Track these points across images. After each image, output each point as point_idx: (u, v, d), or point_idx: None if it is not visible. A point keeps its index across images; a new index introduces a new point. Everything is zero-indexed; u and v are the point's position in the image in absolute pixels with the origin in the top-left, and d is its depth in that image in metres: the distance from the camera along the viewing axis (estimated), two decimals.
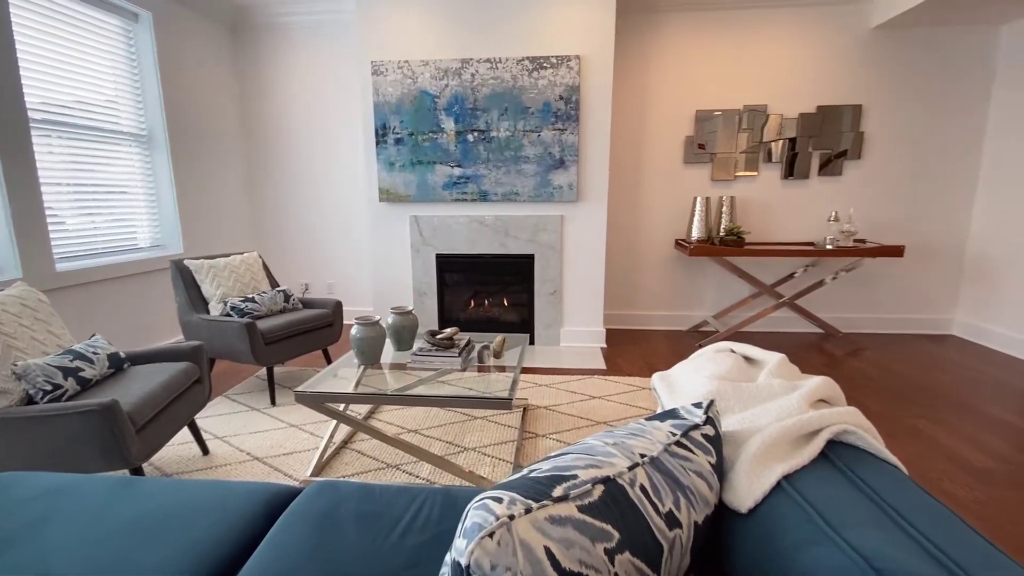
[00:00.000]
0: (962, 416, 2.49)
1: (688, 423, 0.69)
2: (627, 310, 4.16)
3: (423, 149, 3.45)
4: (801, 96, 3.70)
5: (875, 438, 0.68)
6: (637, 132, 3.87)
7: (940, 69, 3.58)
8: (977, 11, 3.26)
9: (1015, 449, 2.17)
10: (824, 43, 3.62)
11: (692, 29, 3.68)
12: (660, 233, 4.00)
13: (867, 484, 0.59)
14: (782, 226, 3.89)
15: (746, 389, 0.79)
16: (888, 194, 3.77)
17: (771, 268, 3.96)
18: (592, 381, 3.00)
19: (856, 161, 3.75)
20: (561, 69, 3.26)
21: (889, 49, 3.59)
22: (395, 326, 2.24)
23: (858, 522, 0.53)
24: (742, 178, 3.85)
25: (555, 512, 0.51)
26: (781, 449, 0.65)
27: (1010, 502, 1.80)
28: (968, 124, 3.63)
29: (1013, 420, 2.44)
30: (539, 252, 3.56)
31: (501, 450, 2.20)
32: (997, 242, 3.55)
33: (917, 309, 3.91)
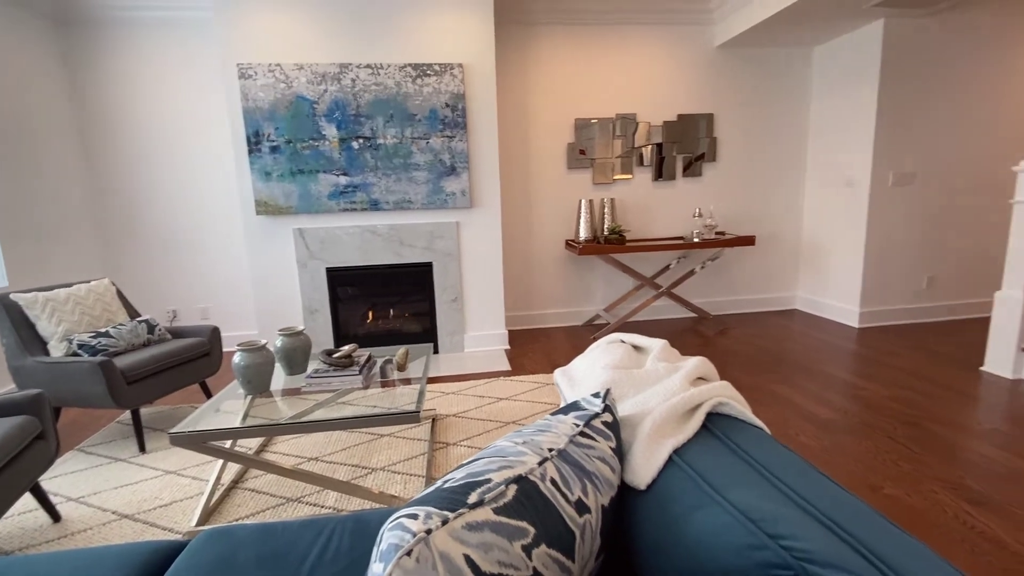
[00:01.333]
0: (808, 377, 2.93)
1: (589, 413, 0.74)
2: (527, 310, 4.28)
3: (304, 157, 3.25)
4: (664, 105, 4.11)
5: (744, 406, 0.78)
6: (523, 139, 4.02)
7: (772, 83, 4.19)
8: (794, 36, 3.86)
9: (848, 400, 2.60)
10: (679, 59, 4.05)
11: (566, 41, 3.91)
12: (551, 235, 4.18)
13: (741, 448, 0.68)
14: (656, 223, 4.27)
15: (637, 375, 0.87)
16: (740, 191, 4.32)
17: (650, 262, 4.33)
18: (498, 383, 3.04)
19: (712, 163, 4.25)
20: (445, 77, 3.27)
21: (731, 65, 4.12)
22: (284, 349, 2.09)
23: (737, 483, 0.61)
24: (619, 181, 4.17)
25: (472, 519, 0.52)
26: (670, 426, 0.72)
27: (847, 445, 2.16)
28: (795, 130, 4.30)
29: (845, 376, 2.93)
30: (437, 260, 3.53)
31: (412, 465, 2.14)
32: (822, 230, 4.24)
33: (768, 289, 4.52)
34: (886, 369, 3.01)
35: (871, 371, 2.99)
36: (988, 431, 2.23)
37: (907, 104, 3.67)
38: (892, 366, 3.06)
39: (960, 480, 1.88)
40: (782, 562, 0.48)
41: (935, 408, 2.47)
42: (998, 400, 2.54)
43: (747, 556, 0.51)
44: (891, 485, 1.86)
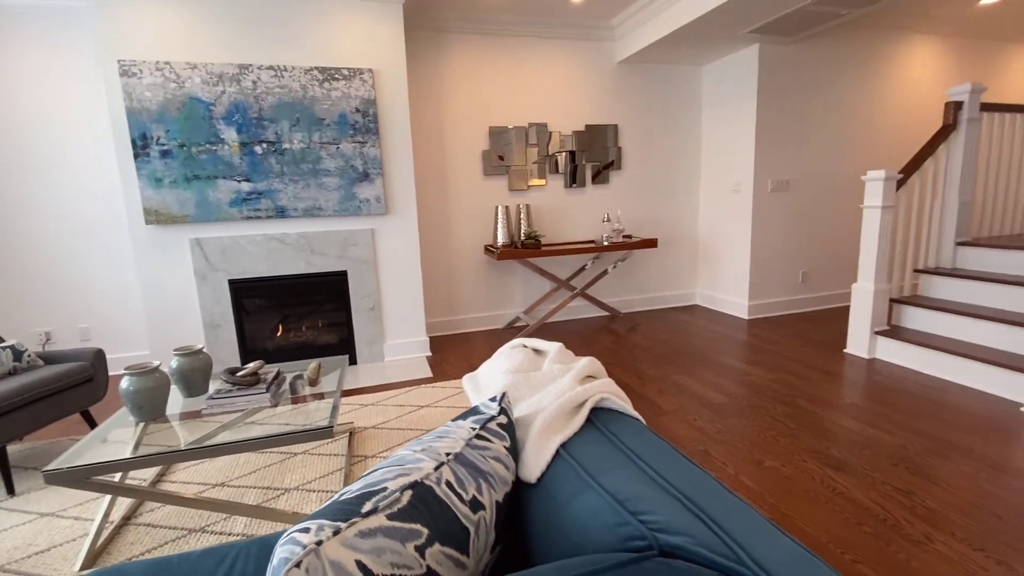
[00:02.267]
0: (706, 367, 3.22)
1: (486, 416, 0.79)
2: (448, 316, 4.29)
3: (200, 163, 3.03)
4: (573, 116, 4.31)
5: (625, 401, 0.87)
6: (439, 146, 4.03)
7: (669, 97, 4.54)
8: (685, 55, 4.22)
9: (738, 386, 2.90)
10: (586, 72, 4.28)
11: (479, 51, 3.98)
12: (470, 240, 4.23)
13: (618, 438, 0.76)
14: (569, 228, 4.47)
15: (533, 377, 0.93)
16: (643, 197, 4.63)
17: (565, 264, 4.52)
18: (420, 391, 3.03)
19: (619, 171, 4.52)
20: (355, 82, 3.21)
21: (632, 79, 4.41)
22: (181, 370, 1.95)
23: (610, 469, 0.69)
24: (534, 187, 4.31)
25: (365, 526, 0.55)
26: (559, 423, 0.80)
27: (737, 427, 2.41)
28: (690, 141, 4.69)
29: (736, 364, 3.25)
30: (352, 268, 3.45)
31: (328, 482, 2.09)
32: (716, 232, 4.66)
33: (671, 287, 4.89)
34: (769, 355, 3.38)
35: (757, 358, 3.34)
36: (848, 405, 2.59)
37: (781, 119, 4.15)
38: (774, 352, 3.44)
39: (826, 450, 2.17)
40: (640, 534, 0.56)
41: (807, 388, 2.83)
42: (857, 377, 2.95)
43: (614, 532, 0.58)
44: (771, 459, 2.11)
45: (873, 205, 3.15)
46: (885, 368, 3.08)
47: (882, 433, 2.28)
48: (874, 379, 2.92)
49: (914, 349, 3.03)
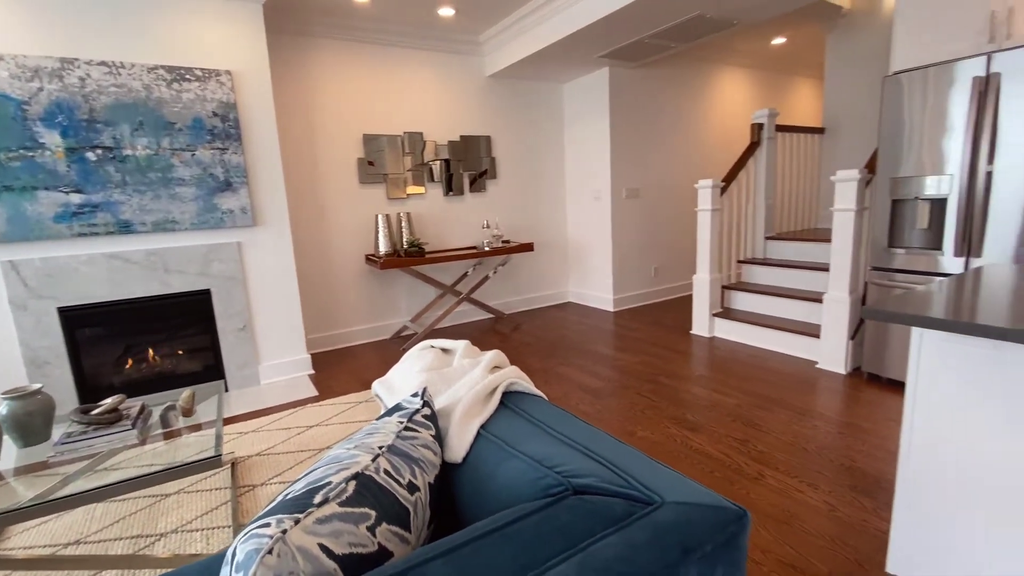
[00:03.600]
0: (582, 356, 3.55)
1: (411, 410, 0.86)
2: (330, 330, 4.12)
3: (11, 171, 2.55)
4: (448, 125, 4.43)
5: (529, 383, 1.01)
6: (311, 154, 3.86)
7: (535, 111, 4.89)
8: (547, 73, 4.60)
9: (610, 370, 3.26)
10: (458, 84, 4.43)
11: (350, 57, 3.91)
12: (350, 250, 4.12)
13: (529, 414, 0.89)
14: (451, 235, 4.58)
15: (447, 373, 1.02)
16: (518, 204, 4.92)
17: (449, 271, 4.62)
18: (306, 411, 2.90)
19: (494, 180, 4.75)
20: (210, 83, 2.96)
21: (502, 93, 4.67)
22: (14, 416, 1.66)
23: (527, 439, 0.81)
24: (414, 195, 4.34)
25: (321, 514, 0.60)
26: (476, 408, 0.90)
27: (612, 406, 2.73)
28: (556, 152, 5.10)
29: (607, 351, 3.64)
30: (217, 285, 3.16)
31: (213, 518, 1.92)
32: (582, 235, 5.13)
33: (548, 287, 5.26)
34: (633, 342, 3.84)
35: (624, 344, 3.78)
36: (697, 377, 3.08)
37: (630, 135, 4.72)
38: (636, 338, 3.92)
39: (683, 416, 2.57)
40: (557, 482, 0.69)
41: (665, 366, 3.28)
42: (702, 353, 3.50)
43: (535, 485, 0.70)
44: (641, 429, 2.44)
45: (704, 208, 3.77)
46: (722, 343, 3.69)
47: (723, 396, 2.76)
48: (715, 353, 3.49)
49: (742, 326, 3.69)
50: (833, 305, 3.04)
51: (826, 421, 2.42)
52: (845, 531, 1.66)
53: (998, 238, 2.35)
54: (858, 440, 2.23)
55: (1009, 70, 2.22)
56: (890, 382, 2.83)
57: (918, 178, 2.58)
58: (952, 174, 2.46)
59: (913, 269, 2.66)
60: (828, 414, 2.50)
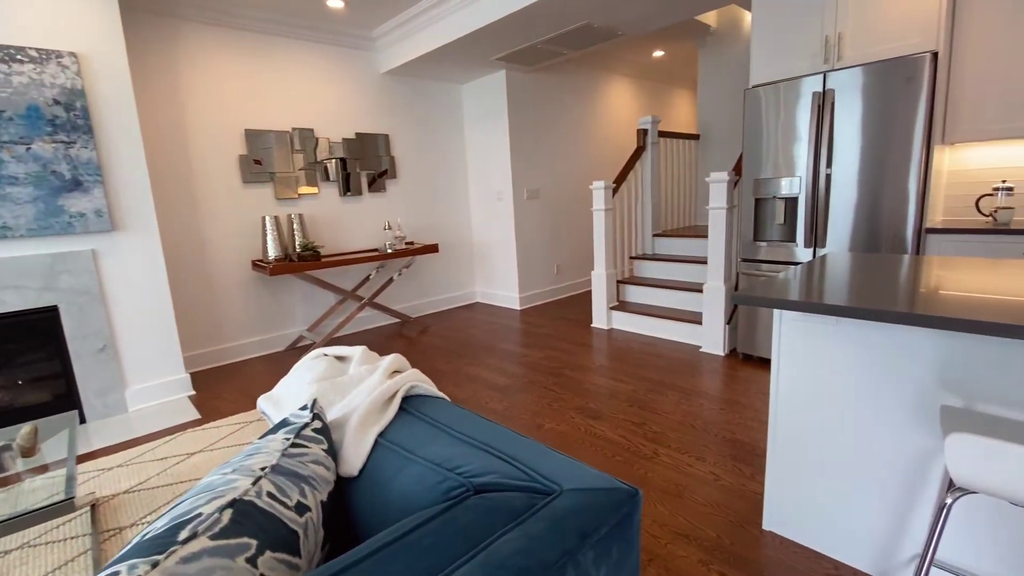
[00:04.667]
0: (490, 355, 3.57)
1: (298, 425, 0.80)
2: (215, 345, 3.73)
3: None
4: (341, 123, 4.22)
5: (430, 385, 0.98)
6: (182, 149, 3.46)
7: (435, 110, 4.83)
8: (444, 73, 4.56)
9: (518, 367, 3.31)
10: (352, 79, 4.23)
11: (227, 45, 3.56)
12: (234, 256, 3.76)
13: (430, 417, 0.87)
14: (350, 237, 4.37)
15: (341, 382, 0.96)
16: (421, 205, 4.83)
17: (349, 275, 4.41)
18: (186, 437, 2.60)
19: (395, 180, 4.61)
20: (49, 66, 2.53)
21: (399, 91, 4.55)
22: None
23: (427, 443, 0.79)
24: (306, 196, 4.08)
25: (186, 552, 0.53)
26: (374, 416, 0.86)
27: (521, 401, 2.78)
28: (457, 153, 5.08)
29: (515, 349, 3.70)
30: (67, 301, 2.72)
31: (68, 572, 1.65)
32: (487, 235, 5.16)
33: (455, 288, 5.23)
34: (539, 338, 3.95)
35: (530, 341, 3.87)
36: (598, 367, 3.24)
37: (529, 137, 4.85)
38: (542, 334, 4.03)
39: (586, 405, 2.68)
40: (458, 484, 0.68)
41: (569, 359, 3.41)
42: (601, 345, 3.69)
43: (436, 490, 0.69)
44: (549, 421, 2.51)
45: (599, 208, 3.98)
46: (619, 335, 3.92)
47: (621, 384, 2.94)
48: (613, 344, 3.70)
49: (635, 317, 3.94)
50: (711, 294, 3.36)
51: (709, 399, 2.67)
52: (728, 497, 1.84)
53: (837, 231, 2.75)
54: (736, 414, 2.48)
55: (840, 87, 2.61)
56: (760, 360, 3.19)
57: (775, 179, 2.94)
58: (800, 176, 2.84)
59: (774, 259, 3.02)
60: (711, 393, 2.75)
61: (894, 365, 1.31)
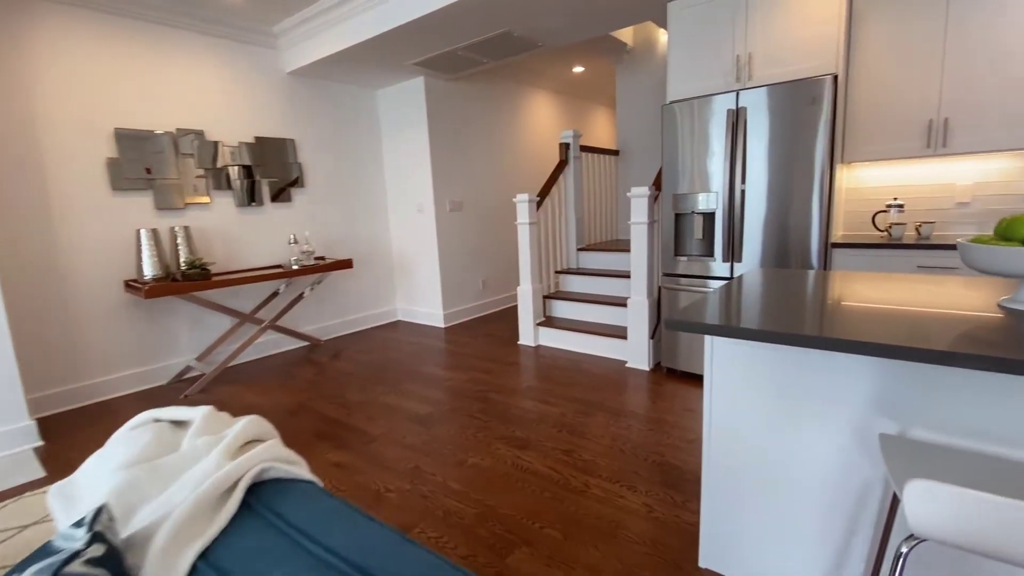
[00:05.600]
0: (411, 381, 3.30)
1: (61, 558, 0.53)
2: (75, 383, 3.13)
3: None
4: (238, 125, 3.78)
5: (293, 464, 0.74)
6: (30, 152, 2.89)
7: (348, 116, 4.49)
8: (356, 77, 4.26)
9: (441, 393, 3.07)
10: (251, 78, 3.81)
11: (93, 30, 3.04)
12: (100, 277, 3.19)
13: (283, 519, 0.63)
14: (249, 252, 3.91)
15: (164, 465, 0.70)
16: (334, 216, 4.45)
17: (248, 295, 3.93)
18: (27, 501, 2.07)
19: (302, 189, 4.21)
20: None
21: (307, 94, 4.18)
22: None
23: (272, 566, 0.55)
24: (194, 206, 3.58)
25: None
26: (196, 525, 0.60)
27: (443, 433, 2.53)
28: (374, 161, 4.76)
29: (438, 372, 3.45)
30: None
31: None
32: (408, 249, 4.87)
33: (373, 306, 4.87)
34: (464, 358, 3.73)
35: (455, 362, 3.64)
36: (525, 389, 3.07)
37: (450, 147, 4.65)
38: (467, 354, 3.81)
39: (512, 433, 2.50)
40: None
41: (495, 381, 3.22)
42: (529, 364, 3.54)
43: None
44: (473, 455, 2.29)
45: (523, 222, 3.85)
46: (547, 352, 3.80)
47: (549, 407, 2.79)
48: (541, 362, 3.56)
49: (562, 333, 3.84)
50: (635, 308, 3.32)
51: (637, 419, 2.59)
52: (663, 532, 1.72)
53: (752, 246, 2.80)
54: (664, 435, 2.41)
55: (751, 105, 2.67)
56: (683, 374, 3.19)
57: (693, 195, 2.96)
58: (717, 192, 2.87)
59: (694, 274, 3.04)
60: (639, 412, 2.68)
61: (829, 389, 1.25)
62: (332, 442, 2.49)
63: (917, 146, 2.61)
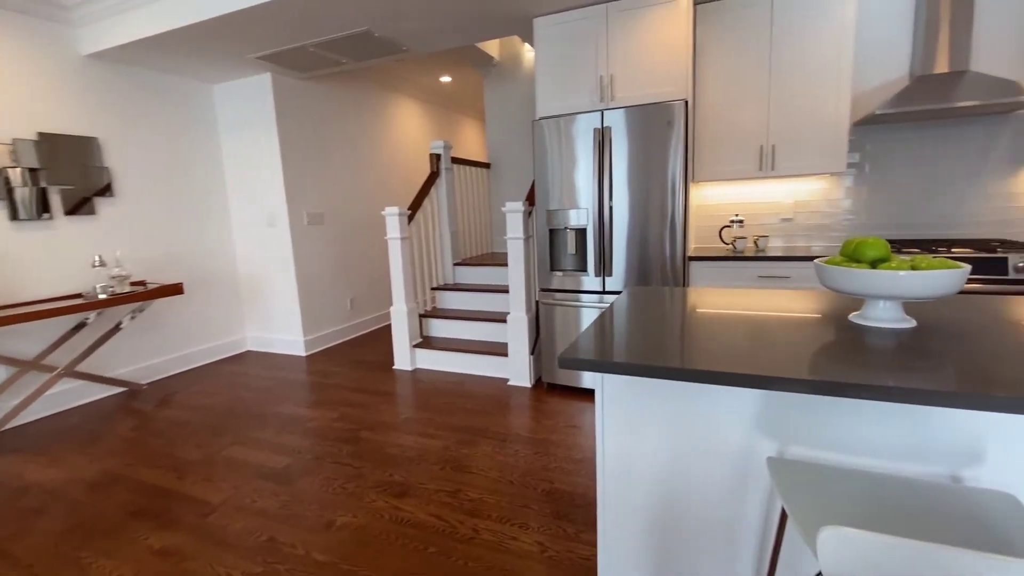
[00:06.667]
0: (263, 426, 2.81)
1: None
2: None
3: None
4: (13, 118, 2.93)
5: None
6: None
7: (176, 112, 3.77)
8: (188, 67, 3.60)
9: (302, 437, 2.65)
10: (30, 58, 2.98)
11: None
12: None
13: None
14: (33, 279, 3.04)
15: None
16: (155, 232, 3.69)
17: (34, 335, 3.05)
18: None
19: (111, 199, 3.42)
20: None
21: (116, 83, 3.41)
22: None
23: None
24: None
25: None
26: None
27: (304, 490, 2.16)
28: (211, 167, 4.07)
29: (298, 411, 3.00)
30: None
31: None
32: (258, 268, 4.26)
33: (214, 337, 4.16)
34: (330, 390, 3.32)
35: (319, 397, 3.21)
36: (402, 421, 2.80)
37: (307, 154, 4.17)
38: (334, 386, 3.40)
39: (389, 478, 2.22)
40: None
41: (367, 416, 2.89)
42: (405, 391, 3.26)
43: None
44: (343, 513, 1.97)
45: (394, 237, 3.57)
46: (425, 375, 3.55)
47: (430, 440, 2.56)
48: (418, 388, 3.31)
49: (441, 354, 3.63)
50: (515, 324, 3.25)
51: (523, 443, 2.49)
52: (558, 572, 1.61)
53: (620, 260, 2.89)
54: (551, 457, 2.34)
55: (615, 124, 2.76)
56: (564, 388, 3.19)
57: (565, 211, 2.98)
58: (587, 208, 2.92)
59: (568, 288, 3.06)
60: (524, 434, 2.58)
61: (716, 415, 1.23)
62: (154, 521, 1.97)
63: (752, 168, 2.92)
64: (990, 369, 0.90)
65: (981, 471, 1.03)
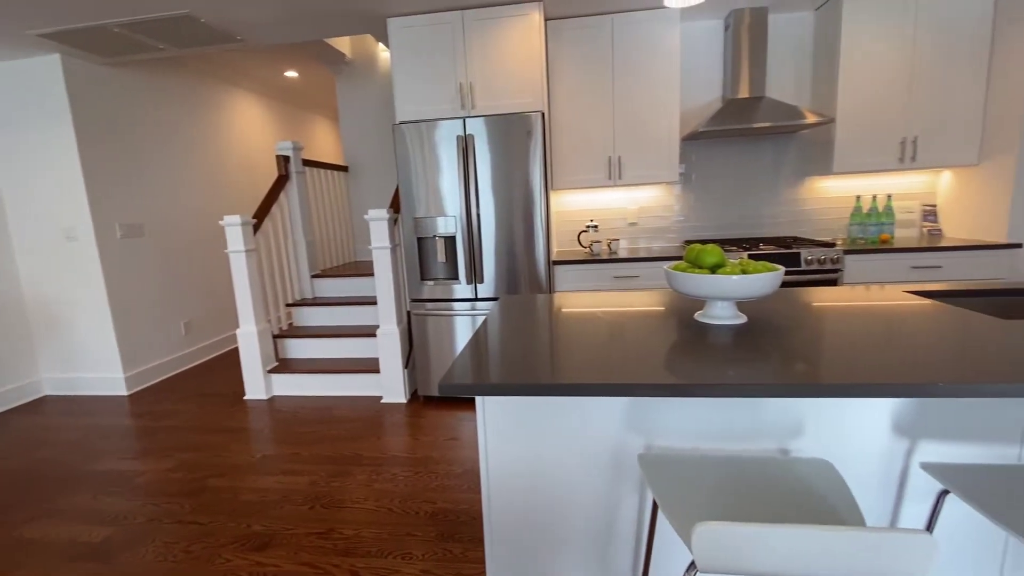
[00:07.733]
0: (73, 492, 2.27)
1: None
2: None
3: None
4: None
5: None
6: None
7: None
8: None
9: (128, 499, 2.20)
10: None
11: None
12: None
13: None
14: None
15: None
16: None
17: None
18: None
19: None
20: None
21: None
22: None
23: None
24: None
25: None
26: None
27: (133, 564, 1.78)
28: None
29: (120, 467, 2.48)
30: None
31: None
32: (54, 295, 3.44)
33: None
34: (164, 434, 2.81)
35: (148, 445, 2.70)
36: (260, 461, 2.48)
37: (116, 154, 3.48)
38: (170, 428, 2.89)
39: (247, 529, 1.94)
40: None
41: (215, 460, 2.50)
42: (261, 424, 2.90)
43: None
44: None
45: (236, 250, 3.15)
46: (284, 403, 3.20)
47: (295, 477, 2.30)
48: (277, 419, 2.96)
49: (302, 377, 3.31)
50: (386, 338, 3.09)
51: (402, 465, 2.37)
52: None
53: (490, 267, 2.91)
54: (432, 476, 2.26)
55: (477, 132, 2.76)
56: (440, 400, 3.12)
57: (432, 218, 2.91)
58: (455, 215, 2.89)
59: (441, 297, 2.99)
60: (402, 455, 2.46)
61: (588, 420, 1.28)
62: None
63: (602, 177, 3.16)
64: (811, 359, 1.06)
65: (802, 442, 1.21)
